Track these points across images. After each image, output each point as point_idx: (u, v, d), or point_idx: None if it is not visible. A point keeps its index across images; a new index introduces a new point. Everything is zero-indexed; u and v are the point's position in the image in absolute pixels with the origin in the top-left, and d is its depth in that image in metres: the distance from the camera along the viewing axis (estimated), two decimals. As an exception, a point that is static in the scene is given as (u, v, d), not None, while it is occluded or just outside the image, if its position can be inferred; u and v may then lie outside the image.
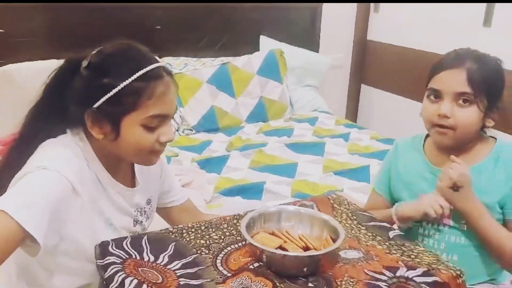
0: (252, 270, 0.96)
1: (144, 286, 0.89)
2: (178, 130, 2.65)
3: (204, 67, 2.77)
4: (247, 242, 1.00)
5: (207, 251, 1.04)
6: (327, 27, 3.32)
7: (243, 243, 1.07)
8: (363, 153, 2.40)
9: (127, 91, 1.00)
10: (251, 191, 1.95)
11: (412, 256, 1.03)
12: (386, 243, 1.08)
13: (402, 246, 1.07)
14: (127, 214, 1.16)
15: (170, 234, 1.10)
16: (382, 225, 1.17)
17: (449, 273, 0.96)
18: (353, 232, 1.13)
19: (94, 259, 1.01)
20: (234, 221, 1.17)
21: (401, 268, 0.97)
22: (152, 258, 1.00)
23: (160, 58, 2.75)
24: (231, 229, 1.14)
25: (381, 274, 0.94)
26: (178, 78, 2.68)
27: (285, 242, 1.03)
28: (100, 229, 1.08)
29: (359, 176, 2.11)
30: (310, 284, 0.93)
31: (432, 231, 1.26)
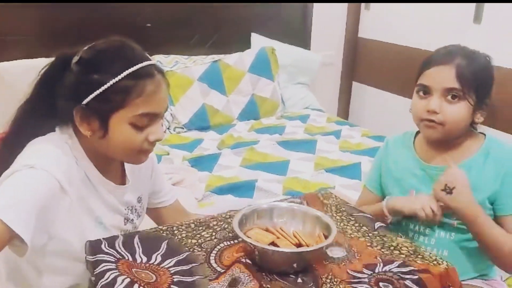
0: (243, 263, 0.97)
1: (135, 286, 0.88)
2: (169, 128, 2.64)
3: (195, 65, 2.76)
4: (240, 238, 1.00)
5: (200, 249, 1.04)
6: (318, 25, 3.32)
7: (236, 241, 1.07)
8: (355, 150, 2.41)
9: (116, 89, 0.99)
10: (243, 189, 1.95)
11: (391, 247, 1.05)
12: (370, 234, 1.11)
13: (383, 237, 1.10)
14: (118, 212, 1.15)
15: (162, 232, 1.10)
16: (370, 217, 1.20)
17: (425, 262, 0.99)
18: (341, 224, 1.15)
19: (84, 259, 1.00)
20: (225, 218, 1.17)
21: (378, 264, 0.99)
22: (144, 259, 0.99)
23: (150, 56, 2.72)
24: (222, 226, 1.14)
25: (361, 273, 0.97)
26: (169, 76, 2.63)
27: (278, 238, 1.03)
28: (89, 228, 1.07)
29: (351, 173, 2.12)
30: (299, 280, 0.94)
31: (422, 227, 1.27)
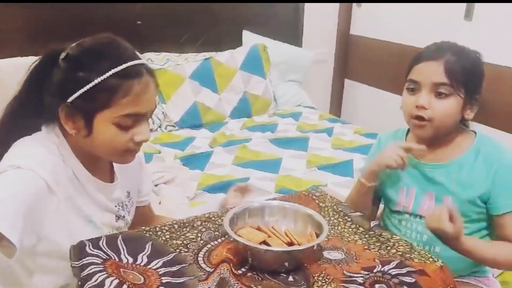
0: (231, 263, 0.96)
1: (124, 287, 0.87)
2: (160, 127, 2.62)
3: (186, 63, 2.74)
4: (228, 236, 0.99)
5: (186, 250, 1.03)
6: (310, 22, 3.31)
7: (223, 239, 1.06)
8: (347, 147, 2.41)
9: (102, 87, 0.98)
10: (235, 187, 1.94)
11: (388, 247, 1.05)
12: (366, 236, 1.11)
13: (380, 237, 1.10)
14: (108, 210, 1.14)
15: (145, 233, 1.08)
16: (364, 215, 1.20)
17: (421, 261, 0.99)
18: (339, 228, 1.14)
19: None
20: (208, 218, 1.16)
21: (377, 266, 0.99)
22: (130, 260, 0.98)
23: (141, 53, 2.69)
24: (207, 226, 1.12)
25: (357, 273, 0.96)
26: (160, 73, 2.67)
27: (269, 237, 1.03)
28: (79, 227, 1.06)
29: (343, 170, 2.12)
30: (291, 278, 0.94)
31: (414, 224, 1.27)
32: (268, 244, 1.00)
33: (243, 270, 0.96)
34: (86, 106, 0.99)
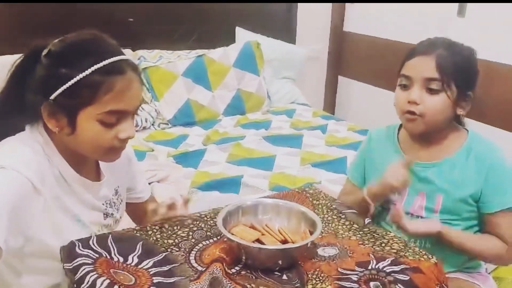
0: (224, 260, 0.95)
1: (115, 287, 0.86)
2: (153, 124, 2.61)
3: (179, 60, 2.73)
4: (222, 235, 0.98)
5: (177, 249, 1.02)
6: (304, 18, 3.30)
7: (215, 239, 1.05)
8: (341, 144, 2.41)
9: (84, 84, 0.96)
10: (229, 185, 1.93)
11: (383, 244, 1.05)
12: (360, 232, 1.10)
13: (374, 233, 1.10)
14: (96, 208, 1.12)
15: (135, 232, 1.07)
16: (358, 212, 1.20)
17: (415, 258, 0.99)
18: (333, 225, 1.14)
19: None
20: (199, 217, 1.15)
21: (371, 261, 0.98)
22: (121, 259, 0.97)
23: (133, 51, 2.70)
24: (199, 225, 1.11)
25: (352, 270, 0.96)
26: (152, 71, 2.66)
27: (263, 235, 1.02)
28: (67, 226, 1.04)
29: (337, 167, 2.11)
30: (285, 277, 0.93)
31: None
32: (261, 242, 0.99)
33: (237, 269, 0.96)
34: (68, 103, 0.97)
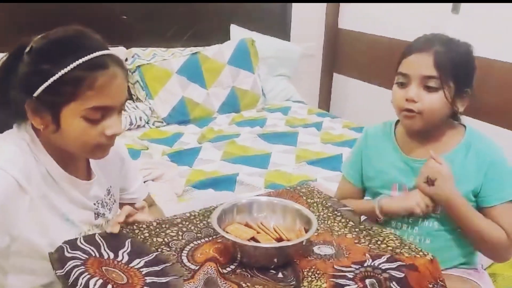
0: (218, 260, 0.94)
1: (109, 286, 0.85)
2: (148, 123, 2.59)
3: (173, 57, 2.71)
4: (214, 236, 0.97)
5: (168, 249, 1.00)
6: (298, 16, 3.29)
7: (209, 239, 1.04)
8: (336, 142, 2.41)
9: (66, 80, 0.94)
10: (224, 183, 1.92)
11: (378, 242, 1.05)
12: (356, 230, 1.10)
13: (370, 231, 1.09)
14: (86, 208, 1.11)
15: (122, 229, 1.05)
16: (353, 210, 1.19)
17: (411, 255, 0.99)
18: (329, 222, 1.13)
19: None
20: (189, 218, 1.13)
21: (367, 260, 0.98)
22: (112, 255, 0.95)
23: (127, 49, 2.68)
24: (188, 227, 1.10)
25: (348, 267, 0.95)
26: (147, 69, 2.65)
27: (258, 233, 1.01)
28: (55, 225, 1.02)
29: (332, 165, 2.11)
30: (280, 275, 0.93)
31: (406, 217, 1.26)
32: (256, 240, 0.99)
33: (232, 267, 0.95)
34: (51, 100, 0.96)
